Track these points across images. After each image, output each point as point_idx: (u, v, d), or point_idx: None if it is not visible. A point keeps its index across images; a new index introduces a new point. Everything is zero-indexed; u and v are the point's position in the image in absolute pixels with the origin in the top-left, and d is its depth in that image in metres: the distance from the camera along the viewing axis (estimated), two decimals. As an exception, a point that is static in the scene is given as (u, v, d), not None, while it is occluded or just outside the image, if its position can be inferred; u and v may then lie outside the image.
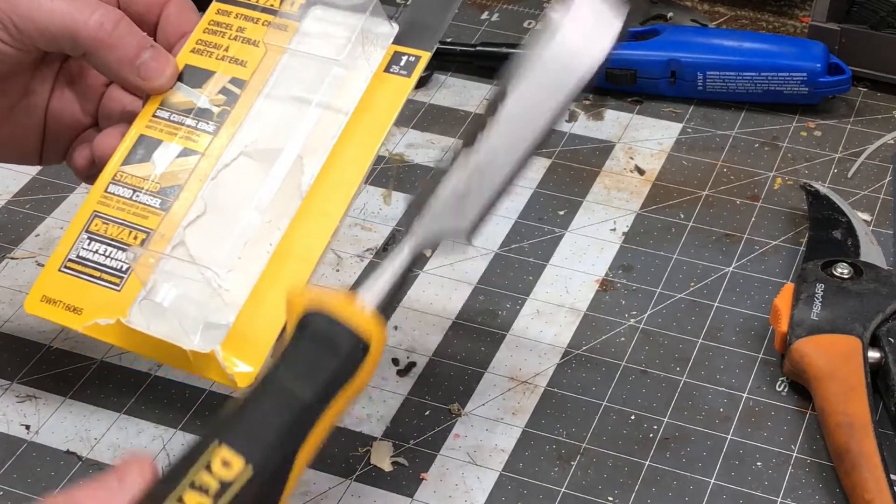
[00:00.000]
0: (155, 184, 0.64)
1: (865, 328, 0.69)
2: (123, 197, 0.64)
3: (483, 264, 0.77)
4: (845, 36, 0.88)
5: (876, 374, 0.68)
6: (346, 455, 0.67)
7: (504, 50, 0.91)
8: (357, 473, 0.66)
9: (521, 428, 0.68)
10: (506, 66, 0.57)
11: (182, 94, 0.65)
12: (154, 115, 0.65)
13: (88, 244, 0.64)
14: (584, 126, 0.87)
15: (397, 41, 0.65)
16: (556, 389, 0.70)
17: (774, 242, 0.78)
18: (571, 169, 0.84)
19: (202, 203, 0.63)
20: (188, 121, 0.65)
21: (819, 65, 0.86)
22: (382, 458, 0.67)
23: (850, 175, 0.83)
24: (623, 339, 0.73)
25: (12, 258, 0.79)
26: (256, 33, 0.66)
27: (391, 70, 0.64)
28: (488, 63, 0.91)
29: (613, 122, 0.88)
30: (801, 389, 0.69)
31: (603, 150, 0.86)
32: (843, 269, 0.71)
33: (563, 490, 0.65)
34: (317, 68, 0.65)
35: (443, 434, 0.68)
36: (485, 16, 0.98)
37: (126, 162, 0.65)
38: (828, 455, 0.66)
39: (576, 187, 0.83)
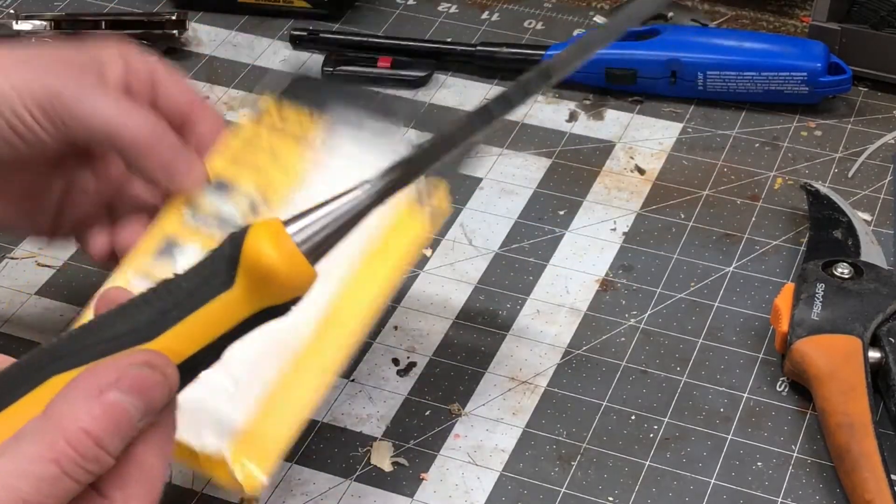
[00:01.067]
0: None
1: (866, 328, 0.69)
2: None
3: (483, 264, 0.77)
4: (846, 36, 0.88)
5: (876, 374, 0.68)
6: (346, 455, 0.67)
7: (504, 50, 0.91)
8: (357, 473, 0.66)
9: (521, 428, 0.68)
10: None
11: (210, 201, 0.65)
12: (179, 215, 0.65)
13: None
14: (584, 126, 0.87)
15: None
16: (556, 389, 0.70)
17: (775, 242, 0.78)
18: (571, 169, 0.84)
19: None
20: (213, 227, 0.64)
21: (819, 64, 0.86)
22: (382, 458, 0.67)
23: (850, 175, 0.83)
24: (623, 339, 0.73)
25: (12, 258, 0.79)
26: (288, 152, 0.66)
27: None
28: (488, 63, 0.91)
29: (614, 122, 0.88)
30: (802, 389, 0.69)
31: (603, 149, 0.86)
32: (843, 269, 0.71)
33: (563, 490, 0.65)
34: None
35: (443, 434, 0.68)
36: (485, 16, 0.98)
37: (149, 257, 0.64)
38: (828, 455, 0.66)
39: (576, 187, 0.83)
